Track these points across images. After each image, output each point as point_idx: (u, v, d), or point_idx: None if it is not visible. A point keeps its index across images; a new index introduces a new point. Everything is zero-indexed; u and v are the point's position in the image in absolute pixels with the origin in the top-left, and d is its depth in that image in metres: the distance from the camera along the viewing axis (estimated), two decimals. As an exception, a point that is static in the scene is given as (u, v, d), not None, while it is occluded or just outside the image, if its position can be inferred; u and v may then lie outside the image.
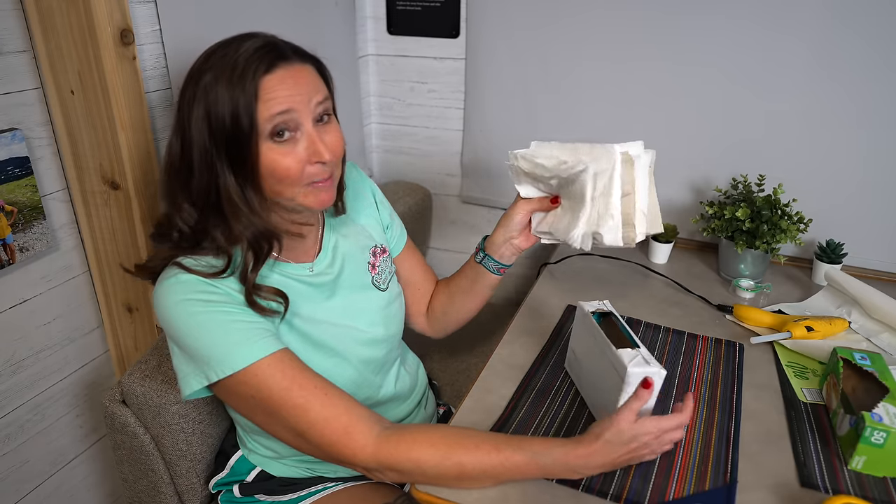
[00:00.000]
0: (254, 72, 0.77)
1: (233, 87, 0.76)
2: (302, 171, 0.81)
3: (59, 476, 1.20)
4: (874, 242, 1.39)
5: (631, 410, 0.80)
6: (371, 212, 1.07)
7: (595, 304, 0.98)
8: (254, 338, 0.80)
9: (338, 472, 1.04)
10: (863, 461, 0.85)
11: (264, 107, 0.77)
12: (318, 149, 0.81)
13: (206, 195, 0.81)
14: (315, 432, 0.80)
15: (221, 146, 0.78)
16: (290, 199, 0.83)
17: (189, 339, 0.79)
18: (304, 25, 1.39)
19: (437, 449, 0.80)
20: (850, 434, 0.87)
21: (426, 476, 0.81)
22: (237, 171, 0.80)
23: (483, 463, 0.79)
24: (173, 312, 0.80)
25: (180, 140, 0.81)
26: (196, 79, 0.79)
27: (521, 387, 1.02)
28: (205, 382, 0.80)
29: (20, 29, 0.96)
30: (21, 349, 1.07)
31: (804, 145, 1.37)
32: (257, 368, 0.78)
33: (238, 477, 1.04)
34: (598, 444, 0.79)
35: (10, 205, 0.97)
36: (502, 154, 1.64)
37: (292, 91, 0.79)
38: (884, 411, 0.84)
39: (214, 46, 0.81)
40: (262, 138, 0.78)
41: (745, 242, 1.31)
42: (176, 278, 0.81)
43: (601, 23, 1.42)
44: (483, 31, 1.54)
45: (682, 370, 1.07)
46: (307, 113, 0.80)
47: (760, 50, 1.33)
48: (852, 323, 1.17)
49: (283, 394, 0.79)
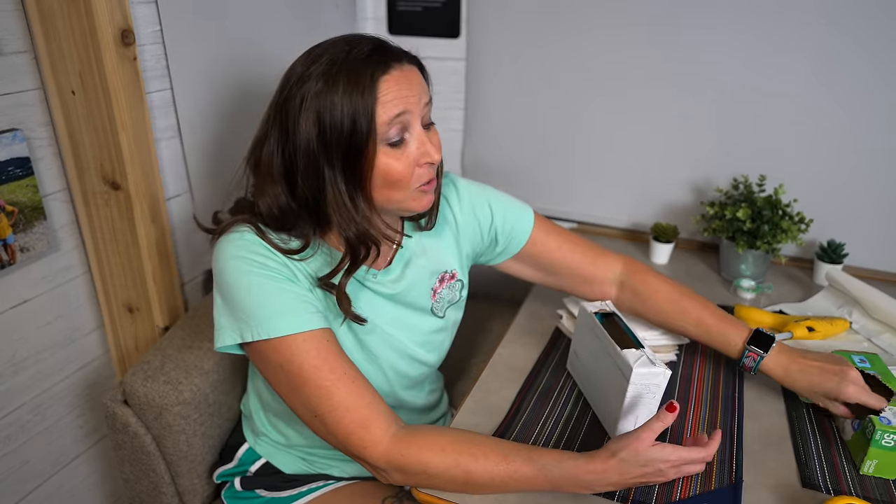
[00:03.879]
0: (371, 74, 0.76)
1: (350, 91, 0.75)
2: (412, 173, 0.81)
3: (59, 476, 1.20)
4: (875, 243, 1.39)
5: (652, 431, 0.77)
6: (451, 233, 1.00)
7: (598, 305, 0.98)
8: (298, 311, 0.80)
9: (344, 471, 1.04)
10: (874, 465, 0.84)
11: (382, 109, 0.76)
12: (428, 150, 0.81)
13: (307, 197, 0.81)
14: (333, 418, 0.79)
15: (334, 152, 0.77)
16: (399, 203, 0.83)
17: (236, 294, 0.80)
18: (305, 27, 1.39)
19: (446, 454, 0.79)
20: (857, 438, 0.87)
21: (431, 480, 0.80)
22: (348, 177, 0.79)
23: (491, 473, 0.78)
24: (228, 265, 0.80)
25: (282, 144, 0.79)
26: (302, 81, 0.77)
27: (523, 388, 1.02)
28: (238, 340, 0.80)
29: (21, 29, 0.96)
30: (22, 349, 1.07)
31: (805, 146, 1.37)
32: (293, 340, 0.78)
33: (243, 468, 1.04)
34: (612, 461, 0.76)
35: (10, 205, 0.97)
36: (503, 154, 1.65)
37: (408, 92, 0.78)
38: (892, 414, 0.84)
39: (320, 49, 0.79)
40: (378, 143, 0.78)
41: (745, 243, 1.31)
42: (241, 235, 0.82)
43: (602, 24, 1.42)
44: (484, 32, 1.53)
45: (683, 370, 1.07)
46: (417, 114, 0.80)
47: (761, 51, 1.33)
48: (853, 323, 1.17)
49: (311, 372, 0.79)
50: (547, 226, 1.06)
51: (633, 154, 1.51)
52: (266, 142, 0.81)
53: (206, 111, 1.19)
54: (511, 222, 1.03)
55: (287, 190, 0.81)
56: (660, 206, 1.54)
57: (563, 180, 1.61)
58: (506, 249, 1.05)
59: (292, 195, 0.82)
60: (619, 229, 1.61)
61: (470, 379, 1.40)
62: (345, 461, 1.03)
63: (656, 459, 0.77)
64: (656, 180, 1.52)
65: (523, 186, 1.65)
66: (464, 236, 1.01)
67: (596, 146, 1.54)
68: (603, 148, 1.53)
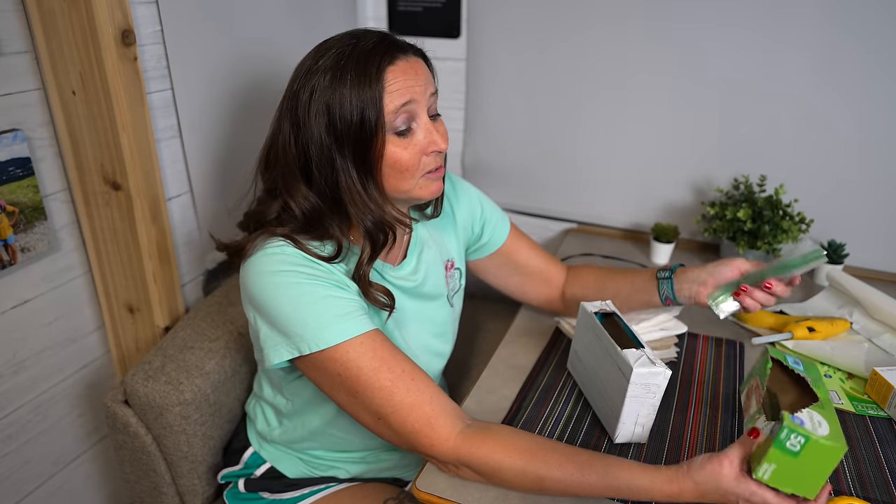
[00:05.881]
0: (378, 64, 0.77)
1: (358, 82, 0.76)
2: (419, 161, 0.82)
3: (60, 476, 1.20)
4: (876, 243, 1.39)
5: (739, 459, 0.72)
6: (449, 223, 1.05)
7: (598, 305, 0.98)
8: (350, 315, 0.80)
9: (349, 472, 1.04)
10: (771, 470, 0.70)
11: (389, 98, 0.78)
12: (435, 138, 0.83)
13: (324, 188, 0.82)
14: (397, 417, 0.79)
15: (344, 141, 0.78)
16: (407, 192, 0.84)
17: (284, 308, 0.79)
18: (305, 26, 1.39)
19: (520, 457, 0.78)
20: (765, 441, 0.72)
21: (503, 481, 0.80)
22: (359, 166, 0.80)
23: (563, 483, 0.77)
24: (272, 281, 0.80)
25: (294, 136, 0.81)
26: (311, 74, 0.79)
27: (524, 388, 1.02)
28: (296, 354, 0.79)
29: (22, 30, 0.96)
30: (22, 350, 1.07)
31: (806, 146, 1.37)
32: (349, 346, 0.78)
33: (249, 470, 1.04)
34: (688, 484, 0.73)
35: (11, 205, 0.97)
36: (503, 154, 1.65)
37: (413, 82, 0.80)
38: (808, 416, 0.72)
39: (328, 43, 0.81)
40: (386, 132, 0.79)
41: (746, 243, 1.31)
42: (281, 249, 0.81)
43: (602, 24, 1.42)
44: (484, 32, 1.54)
45: (683, 370, 1.07)
46: (423, 104, 0.82)
47: (762, 51, 1.33)
48: (854, 324, 1.17)
49: (370, 374, 0.78)
50: (516, 229, 1.14)
51: (634, 154, 1.51)
52: (280, 135, 0.82)
53: (206, 111, 1.19)
54: (494, 221, 1.10)
55: (305, 183, 0.82)
56: (660, 207, 1.54)
57: (563, 180, 1.61)
58: (487, 244, 1.10)
59: (310, 189, 0.82)
60: (620, 229, 1.61)
61: (470, 379, 1.40)
62: (350, 462, 1.03)
63: (741, 494, 0.71)
64: (657, 180, 1.52)
65: (523, 186, 1.65)
66: (460, 226, 1.06)
67: (596, 145, 1.54)
68: (603, 147, 1.53)
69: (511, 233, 1.12)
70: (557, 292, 1.15)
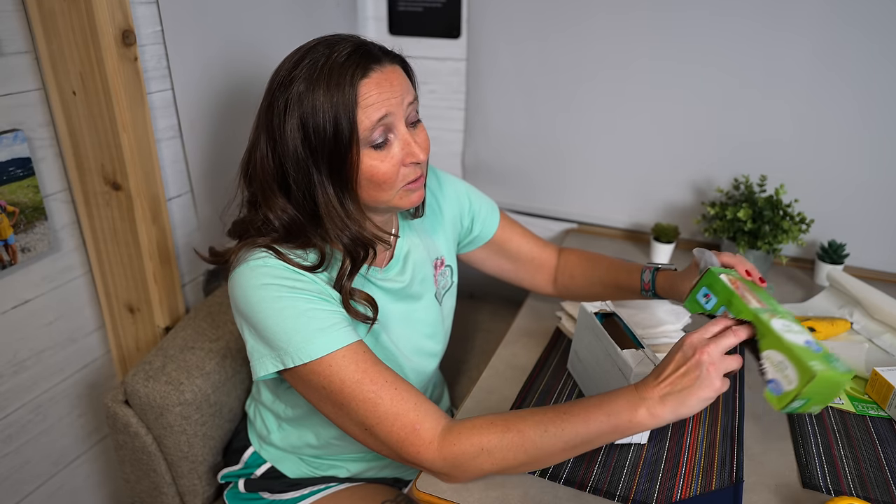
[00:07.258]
0: (351, 77, 0.76)
1: (331, 96, 0.75)
2: (398, 173, 0.81)
3: (60, 476, 1.20)
4: (876, 243, 1.39)
5: (708, 332, 0.76)
6: (437, 221, 1.04)
7: (598, 305, 0.98)
8: (333, 328, 0.79)
9: (350, 471, 1.04)
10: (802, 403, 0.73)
11: (363, 113, 0.76)
12: (413, 150, 0.81)
13: (302, 201, 0.81)
14: (383, 428, 0.79)
15: (319, 156, 0.78)
16: (386, 202, 0.83)
17: (269, 322, 0.79)
18: (305, 26, 1.39)
19: (495, 429, 0.78)
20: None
21: (492, 457, 0.78)
22: (335, 180, 0.79)
23: (546, 442, 0.77)
24: (255, 294, 0.79)
25: (271, 149, 0.80)
26: (285, 86, 0.78)
27: (524, 388, 1.02)
28: (280, 367, 0.79)
29: (22, 30, 0.96)
30: (22, 350, 1.07)
31: (806, 146, 1.37)
32: (332, 359, 0.78)
33: (249, 470, 1.04)
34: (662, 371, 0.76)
35: (11, 205, 0.97)
36: (503, 154, 1.65)
37: (389, 94, 0.78)
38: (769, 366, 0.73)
39: (301, 52, 0.79)
40: (362, 145, 0.78)
41: (746, 243, 1.31)
42: (263, 262, 0.80)
43: (602, 23, 1.42)
44: (484, 32, 1.53)
45: (684, 371, 1.07)
46: (401, 115, 0.80)
47: (763, 51, 1.33)
48: (854, 324, 1.17)
49: (354, 386, 0.78)
50: (506, 217, 1.15)
51: (634, 154, 1.51)
52: (257, 147, 0.82)
53: (207, 111, 1.19)
54: (484, 212, 1.11)
55: (284, 196, 0.82)
56: (660, 207, 1.54)
57: (563, 180, 1.61)
58: (478, 237, 1.11)
59: (289, 201, 0.82)
60: (620, 230, 1.61)
61: (470, 379, 1.40)
62: (351, 461, 1.03)
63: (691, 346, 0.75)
64: (657, 180, 1.52)
65: (524, 186, 1.65)
66: (448, 223, 1.06)
67: (596, 146, 1.54)
68: (603, 147, 1.53)
69: (501, 222, 1.12)
70: (551, 276, 1.18)
